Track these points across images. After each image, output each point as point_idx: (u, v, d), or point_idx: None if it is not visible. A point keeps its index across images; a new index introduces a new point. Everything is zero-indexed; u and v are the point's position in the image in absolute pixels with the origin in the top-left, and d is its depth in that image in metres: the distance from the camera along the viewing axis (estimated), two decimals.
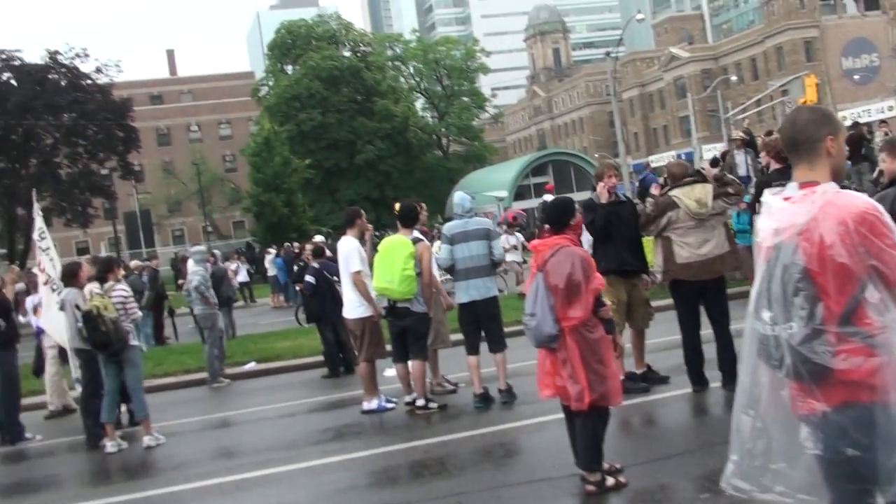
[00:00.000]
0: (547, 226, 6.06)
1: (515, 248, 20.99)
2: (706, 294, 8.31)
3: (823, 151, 3.15)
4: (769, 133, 18.08)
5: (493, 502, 6.12)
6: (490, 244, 9.10)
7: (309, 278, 13.21)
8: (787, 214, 3.06)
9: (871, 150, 17.46)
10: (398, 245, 9.03)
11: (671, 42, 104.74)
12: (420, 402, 9.20)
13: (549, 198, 23.18)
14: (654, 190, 8.63)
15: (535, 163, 64.67)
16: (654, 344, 9.68)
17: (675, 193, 8.30)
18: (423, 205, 10.20)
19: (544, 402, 8.37)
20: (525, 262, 19.60)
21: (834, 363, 2.92)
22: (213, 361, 13.54)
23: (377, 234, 25.42)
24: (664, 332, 10.01)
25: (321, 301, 13.02)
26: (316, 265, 13.41)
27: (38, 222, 12.82)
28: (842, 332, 2.93)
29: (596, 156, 75.69)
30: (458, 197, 9.40)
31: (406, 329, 9.19)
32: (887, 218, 2.97)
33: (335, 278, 12.59)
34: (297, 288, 17.57)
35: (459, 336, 9.96)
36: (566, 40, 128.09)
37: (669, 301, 9.24)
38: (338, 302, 12.84)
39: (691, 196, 8.21)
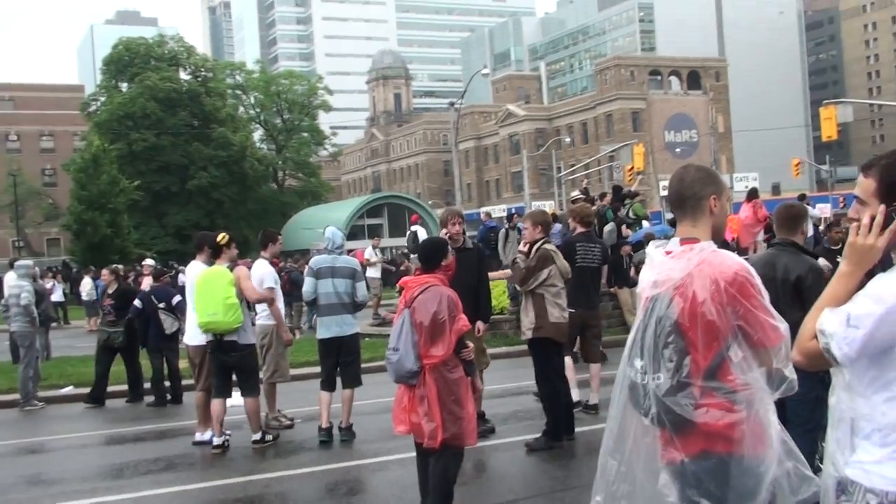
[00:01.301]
0: (419, 264, 6.10)
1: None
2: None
3: (707, 209, 3.27)
4: (574, 200, 19.09)
5: None
6: (355, 284, 9.06)
7: (136, 302, 12.69)
8: (666, 268, 3.18)
9: None
10: (215, 275, 8.78)
11: (509, 99, 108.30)
12: (256, 437, 8.97)
13: (417, 229, 23.38)
14: (522, 245, 8.72)
15: (370, 204, 64.88)
16: (489, 391, 9.80)
17: (551, 248, 8.51)
18: (280, 235, 10.10)
19: (386, 441, 8.47)
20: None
21: (695, 415, 3.05)
22: (27, 382, 12.75)
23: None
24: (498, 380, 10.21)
25: (144, 326, 12.53)
26: (146, 289, 12.93)
27: None
28: (705, 386, 3.05)
29: (430, 202, 76.84)
30: (330, 232, 9.28)
31: (233, 365, 8.93)
32: (757, 280, 3.10)
33: (161, 305, 12.23)
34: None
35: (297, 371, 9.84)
36: (408, 86, 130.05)
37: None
38: (159, 328, 12.47)
39: (559, 256, 8.50)
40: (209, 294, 8.64)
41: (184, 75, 65.88)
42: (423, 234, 21.66)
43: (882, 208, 2.59)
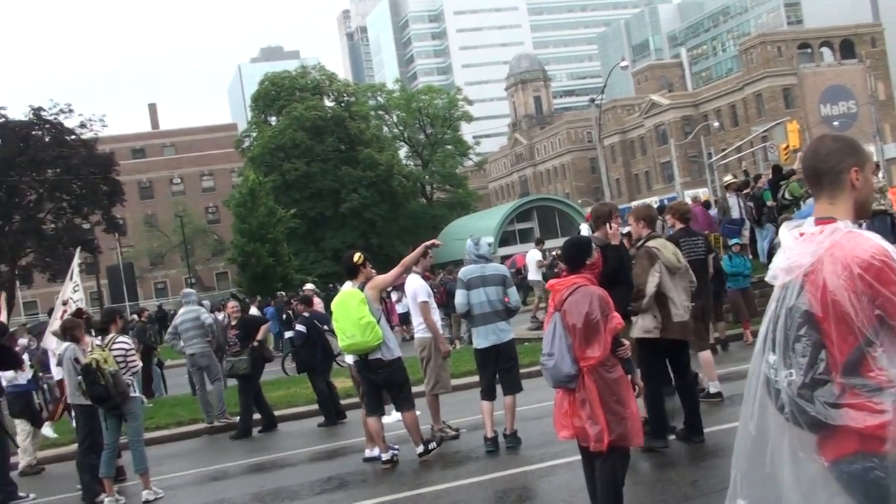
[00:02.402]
0: (565, 265, 5.98)
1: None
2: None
3: (847, 183, 2.96)
4: (728, 185, 18.36)
5: None
6: (506, 291, 9.03)
7: (300, 327, 13.07)
8: (796, 253, 2.89)
9: None
10: (347, 297, 8.86)
11: (651, 89, 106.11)
12: (419, 450, 9.01)
13: (584, 227, 23.09)
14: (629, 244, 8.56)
15: (519, 209, 64.95)
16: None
17: (653, 245, 8.19)
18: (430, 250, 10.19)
19: (552, 446, 8.37)
20: None
21: (834, 416, 2.75)
22: (220, 395, 13.72)
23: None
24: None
25: (312, 351, 12.88)
26: (307, 314, 13.30)
27: (76, 276, 12.95)
28: (845, 383, 2.75)
29: (579, 201, 76.17)
30: (469, 244, 9.26)
31: (382, 382, 8.98)
32: None
33: (325, 327, 12.51)
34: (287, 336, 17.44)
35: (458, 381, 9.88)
36: (547, 88, 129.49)
37: None
38: (327, 352, 12.81)
39: (668, 248, 8.21)
40: (345, 316, 8.76)
41: (328, 102, 67.96)
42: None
43: None
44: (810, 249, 2.86)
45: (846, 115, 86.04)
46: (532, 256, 22.53)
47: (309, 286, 23.38)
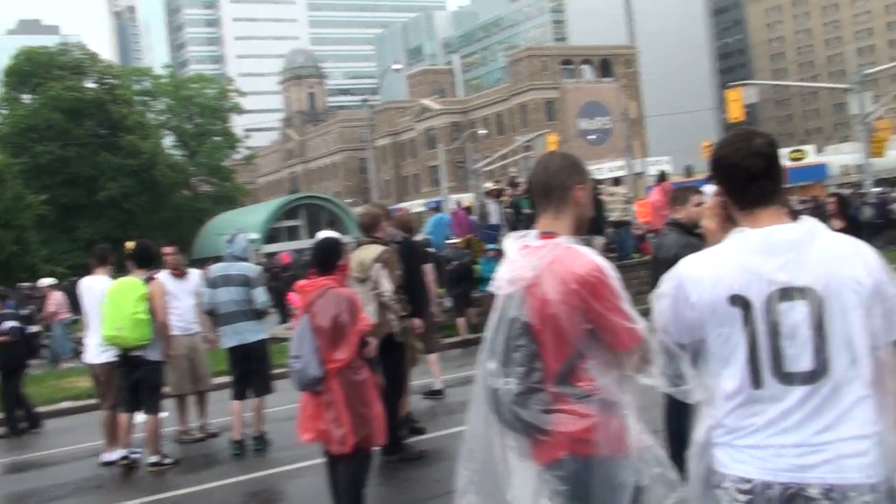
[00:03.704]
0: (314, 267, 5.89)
1: None
2: None
3: (572, 200, 3.10)
4: (489, 192, 19.01)
5: None
6: (251, 291, 8.75)
7: (14, 323, 11.92)
8: (519, 266, 2.99)
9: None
10: (127, 287, 8.40)
11: (424, 94, 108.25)
12: (153, 459, 8.51)
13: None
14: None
15: (287, 206, 64.23)
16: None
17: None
18: (172, 247, 9.79)
19: (300, 448, 8.22)
20: None
21: (546, 422, 2.89)
22: None
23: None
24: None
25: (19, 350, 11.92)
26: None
27: None
28: (557, 392, 2.89)
29: (348, 201, 76.45)
30: (224, 240, 9.04)
31: (138, 381, 8.53)
32: (612, 280, 2.92)
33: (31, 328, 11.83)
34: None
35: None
36: (322, 85, 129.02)
37: None
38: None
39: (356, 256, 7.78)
40: (118, 307, 8.27)
41: (89, 83, 64.07)
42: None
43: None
44: (532, 263, 2.95)
45: (602, 129, 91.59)
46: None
47: (46, 280, 21.93)
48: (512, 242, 3.10)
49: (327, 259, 5.80)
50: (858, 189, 29.30)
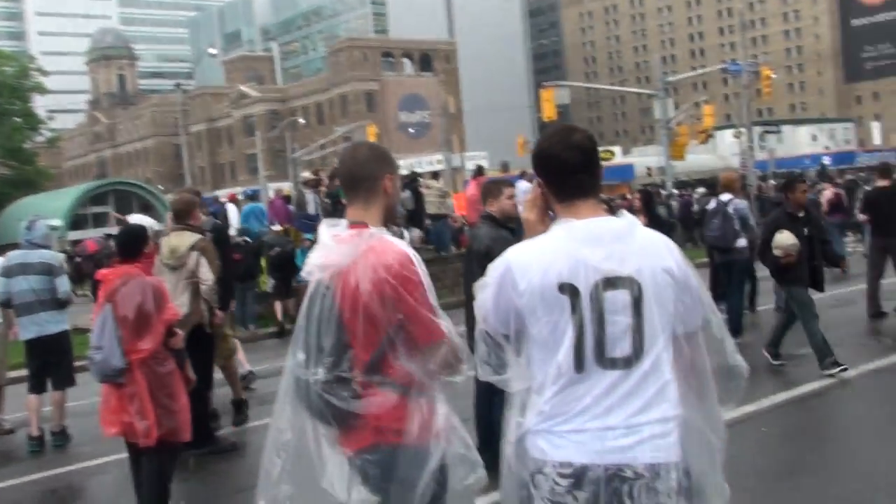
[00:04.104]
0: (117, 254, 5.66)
1: None
2: None
3: (381, 190, 3.11)
4: (305, 182, 18.95)
5: None
6: (53, 280, 8.30)
7: None
8: (333, 254, 2.98)
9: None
10: None
11: (241, 80, 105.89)
12: None
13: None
14: None
15: (95, 191, 61.23)
16: None
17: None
18: None
19: (104, 443, 7.91)
20: None
21: (356, 408, 2.91)
22: None
23: None
24: None
25: None
26: None
27: None
28: (367, 380, 2.92)
29: (160, 187, 73.74)
30: (25, 226, 8.49)
31: None
32: (421, 272, 2.95)
33: None
34: None
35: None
36: (133, 67, 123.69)
37: None
38: None
39: (168, 243, 7.56)
40: None
41: None
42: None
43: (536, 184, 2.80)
44: (346, 251, 2.95)
45: (421, 123, 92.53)
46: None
47: None
48: (325, 230, 3.08)
49: (132, 246, 5.58)
50: (661, 189, 30.97)
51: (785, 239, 8.54)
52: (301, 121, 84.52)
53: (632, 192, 33.48)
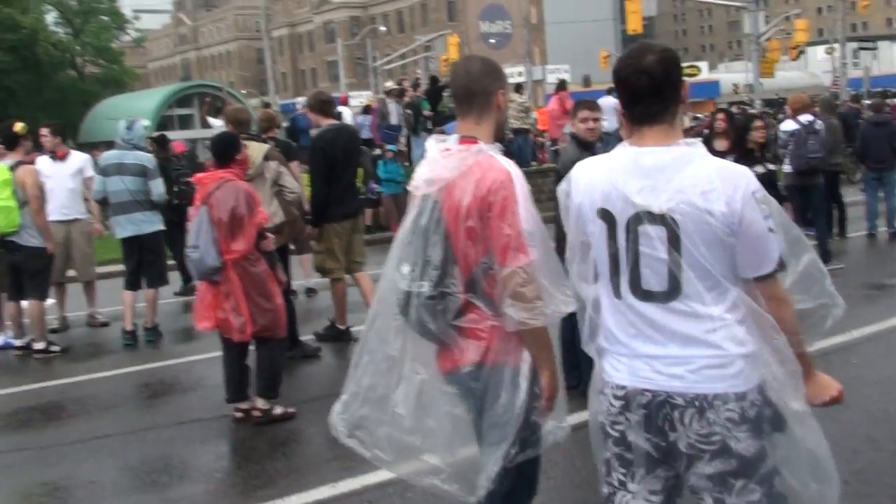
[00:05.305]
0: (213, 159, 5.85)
1: None
2: None
3: (494, 105, 3.05)
4: (388, 91, 18.84)
5: (138, 445, 5.82)
6: (147, 182, 8.48)
7: None
8: (439, 167, 2.95)
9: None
10: None
11: None
12: (38, 346, 8.37)
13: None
14: None
15: (180, 93, 62.10)
16: None
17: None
18: (47, 129, 9.23)
19: (193, 341, 8.27)
20: None
21: (457, 325, 2.93)
22: None
23: None
24: None
25: None
26: None
27: None
28: (468, 298, 2.92)
29: (243, 91, 74.42)
30: (121, 125, 8.63)
31: (17, 265, 8.29)
32: (520, 192, 2.88)
33: None
34: None
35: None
36: None
37: None
38: None
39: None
40: None
41: None
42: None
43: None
44: (453, 164, 2.93)
45: (502, 34, 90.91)
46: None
47: None
48: (433, 144, 3.07)
49: (225, 152, 5.81)
50: (748, 107, 30.02)
51: None
52: (382, 28, 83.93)
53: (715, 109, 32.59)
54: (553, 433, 3.09)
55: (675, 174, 2.44)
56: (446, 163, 2.95)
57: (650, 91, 2.50)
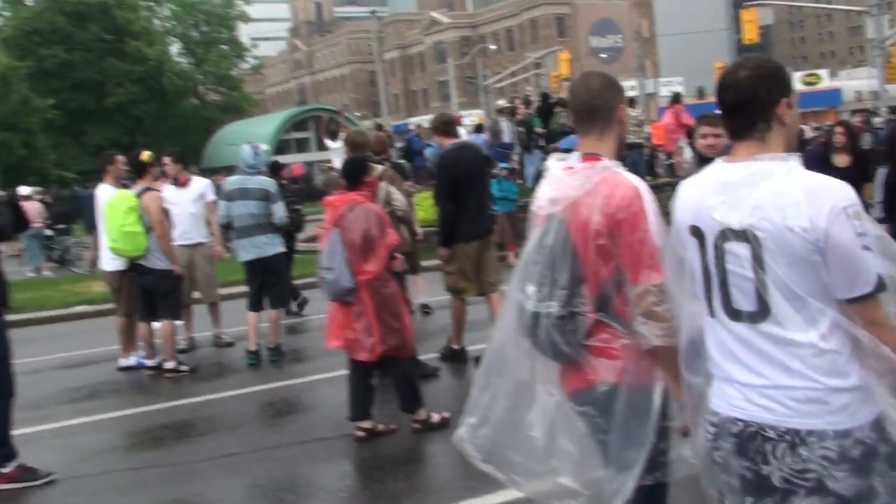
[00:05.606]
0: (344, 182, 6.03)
1: None
2: None
3: (616, 120, 3.02)
4: (500, 109, 18.79)
5: (264, 463, 5.91)
6: (270, 206, 8.67)
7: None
8: (564, 186, 2.91)
9: None
10: (118, 199, 8.38)
11: (432, 6, 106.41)
12: (169, 365, 8.67)
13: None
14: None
15: (297, 117, 63.77)
16: None
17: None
18: (168, 157, 9.66)
19: (315, 361, 8.42)
20: None
21: (585, 348, 2.88)
22: None
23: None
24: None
25: None
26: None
27: None
28: (598, 318, 2.86)
29: (357, 114, 75.76)
30: (243, 151, 8.86)
31: (150, 289, 8.60)
32: (649, 209, 2.84)
33: None
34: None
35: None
36: None
37: None
38: None
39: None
40: (111, 219, 8.33)
41: None
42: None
43: None
44: (578, 183, 2.89)
45: (613, 48, 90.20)
46: None
47: (25, 189, 21.86)
48: (555, 163, 3.04)
49: (356, 174, 5.98)
50: (874, 115, 28.79)
51: None
52: (492, 47, 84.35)
53: (836, 120, 31.46)
54: (685, 461, 2.96)
55: (753, 189, 2.34)
56: (571, 181, 2.91)
57: (735, 107, 2.46)
